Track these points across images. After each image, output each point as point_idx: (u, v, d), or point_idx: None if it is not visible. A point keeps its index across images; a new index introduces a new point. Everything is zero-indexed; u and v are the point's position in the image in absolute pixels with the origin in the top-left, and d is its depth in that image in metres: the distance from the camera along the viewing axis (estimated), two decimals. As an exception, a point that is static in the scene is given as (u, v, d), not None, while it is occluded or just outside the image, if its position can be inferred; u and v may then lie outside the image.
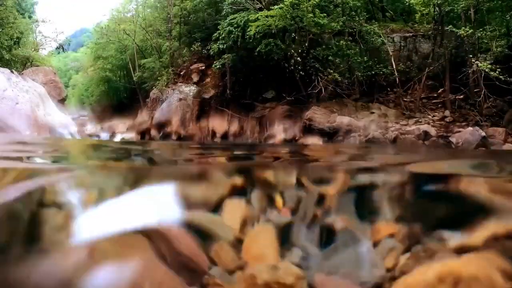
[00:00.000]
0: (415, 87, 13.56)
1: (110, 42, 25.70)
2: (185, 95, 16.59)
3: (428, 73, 13.26)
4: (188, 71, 18.25)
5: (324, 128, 12.05)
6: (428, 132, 10.87)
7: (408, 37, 14.85)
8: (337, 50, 13.30)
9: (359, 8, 14.25)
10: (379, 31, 13.84)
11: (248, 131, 14.13)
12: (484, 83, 11.19)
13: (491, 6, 11.72)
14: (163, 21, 21.91)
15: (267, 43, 13.43)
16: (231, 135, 14.00)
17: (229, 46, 14.69)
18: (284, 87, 14.37)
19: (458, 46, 13.21)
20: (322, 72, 13.04)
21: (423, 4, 12.94)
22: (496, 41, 11.14)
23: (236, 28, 14.22)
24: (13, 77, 12.14)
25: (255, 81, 15.68)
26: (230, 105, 16.13)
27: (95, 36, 29.16)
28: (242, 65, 15.74)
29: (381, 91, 13.94)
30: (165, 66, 19.51)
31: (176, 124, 14.57)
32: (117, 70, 27.72)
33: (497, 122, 11.43)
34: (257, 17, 13.01)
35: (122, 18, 25.96)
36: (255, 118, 14.33)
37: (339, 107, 13.37)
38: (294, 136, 12.07)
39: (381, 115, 12.81)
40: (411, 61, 14.19)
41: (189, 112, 16.19)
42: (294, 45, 13.84)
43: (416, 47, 14.72)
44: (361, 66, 13.27)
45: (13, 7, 21.38)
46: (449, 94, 12.62)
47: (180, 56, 19.86)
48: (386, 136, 11.29)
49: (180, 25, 19.83)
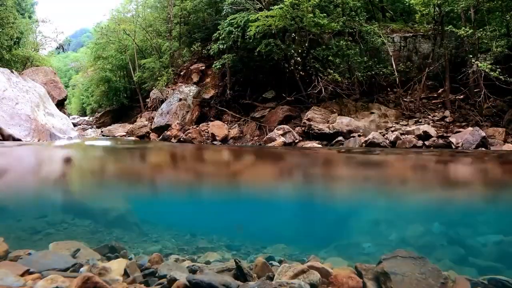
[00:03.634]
0: (415, 87, 13.56)
1: (110, 42, 25.72)
2: (185, 95, 16.58)
3: (428, 73, 13.26)
4: (188, 71, 18.25)
5: (324, 129, 12.04)
6: (428, 132, 10.86)
7: (408, 37, 14.85)
8: (337, 50, 13.30)
9: (359, 8, 14.24)
10: (379, 31, 13.84)
11: (248, 134, 14.14)
12: (484, 83, 11.19)
13: (491, 6, 11.72)
14: (163, 21, 21.91)
15: (267, 43, 13.42)
16: (231, 138, 14.00)
17: (229, 46, 14.69)
18: (284, 87, 14.37)
19: (458, 46, 13.22)
20: (322, 72, 13.04)
21: (423, 4, 12.93)
22: (496, 41, 11.14)
23: (236, 28, 14.21)
24: (13, 77, 12.13)
25: (255, 81, 15.68)
26: (230, 105, 16.13)
27: (95, 36, 29.17)
28: (242, 65, 15.74)
29: (381, 91, 13.94)
30: (165, 66, 19.51)
31: (175, 128, 14.57)
32: (117, 70, 27.74)
33: (497, 122, 11.43)
34: (257, 17, 13.01)
35: (122, 18, 25.97)
36: (254, 122, 14.34)
37: (339, 107, 13.37)
38: (294, 140, 12.06)
39: (381, 115, 12.81)
40: (411, 61, 14.20)
41: (189, 113, 16.17)
42: (294, 45, 13.84)
43: (416, 47, 14.72)
44: (361, 66, 13.26)
45: (13, 7, 21.38)
46: (449, 94, 12.62)
47: (180, 56, 19.87)
48: (386, 137, 11.28)
49: (180, 25, 19.83)
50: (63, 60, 50.76)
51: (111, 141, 15.00)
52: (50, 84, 18.42)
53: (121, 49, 25.48)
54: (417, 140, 10.80)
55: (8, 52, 20.31)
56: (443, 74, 13.06)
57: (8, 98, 10.81)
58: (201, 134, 14.23)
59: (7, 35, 20.00)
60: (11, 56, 20.50)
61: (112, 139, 15.48)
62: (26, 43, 23.99)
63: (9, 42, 20.45)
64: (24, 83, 12.31)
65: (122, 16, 26.35)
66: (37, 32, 25.93)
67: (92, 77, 30.08)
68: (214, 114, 16.45)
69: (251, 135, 14.02)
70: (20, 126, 10.34)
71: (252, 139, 13.69)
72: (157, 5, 24.01)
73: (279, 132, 12.35)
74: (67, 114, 19.12)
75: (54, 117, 12.52)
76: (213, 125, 14.46)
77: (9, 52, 20.43)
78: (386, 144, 10.88)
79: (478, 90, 11.72)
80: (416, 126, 11.52)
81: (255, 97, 15.77)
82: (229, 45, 14.64)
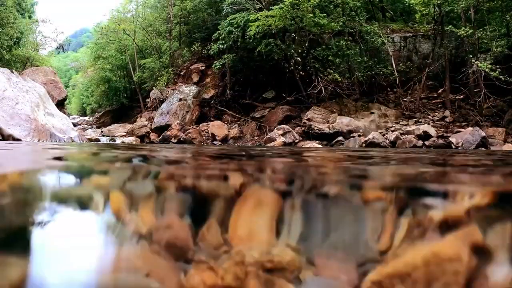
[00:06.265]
0: (415, 87, 13.57)
1: (110, 42, 25.70)
2: (185, 95, 16.59)
3: (428, 73, 13.27)
4: (188, 71, 18.25)
5: (324, 129, 12.04)
6: (428, 132, 10.87)
7: (408, 37, 14.86)
8: (337, 50, 13.30)
9: (359, 8, 14.25)
10: (379, 31, 13.84)
11: (248, 134, 14.15)
12: (484, 83, 11.20)
13: (491, 6, 11.73)
14: (163, 21, 21.91)
15: (267, 43, 13.43)
16: (231, 138, 14.02)
17: (229, 46, 14.70)
18: (284, 87, 14.38)
19: (458, 46, 13.23)
20: (322, 72, 13.04)
21: (423, 4, 12.94)
22: (496, 41, 11.15)
23: (236, 28, 14.22)
24: (13, 77, 12.14)
25: (255, 81, 15.69)
26: (230, 105, 16.14)
27: (95, 36, 29.16)
28: (242, 65, 15.75)
29: (381, 91, 13.95)
30: (165, 66, 19.51)
31: (175, 128, 14.58)
32: (117, 70, 27.74)
33: (497, 122, 11.44)
34: (257, 17, 13.01)
35: (122, 18, 25.95)
36: (254, 122, 14.35)
37: (339, 107, 13.37)
38: (294, 140, 12.07)
39: (381, 115, 12.82)
40: (411, 61, 14.20)
41: (189, 113, 16.18)
42: (294, 45, 13.84)
43: (416, 47, 14.73)
44: (361, 66, 13.27)
45: (13, 7, 21.39)
46: (449, 94, 12.63)
47: (180, 56, 19.87)
48: (386, 137, 11.28)
49: (180, 25, 19.84)
50: (63, 60, 50.80)
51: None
52: (50, 84, 18.42)
53: (121, 49, 25.47)
54: (417, 140, 10.80)
55: (8, 52, 20.32)
56: (443, 74, 13.06)
57: (8, 98, 10.82)
58: (201, 134, 14.23)
59: (7, 35, 20.01)
60: (11, 56, 20.51)
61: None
62: (26, 43, 24.00)
63: (9, 42, 20.46)
64: (24, 83, 12.32)
65: (122, 16, 26.34)
66: (37, 32, 25.94)
67: (92, 77, 30.08)
68: (214, 114, 16.45)
69: (251, 135, 14.03)
70: (20, 126, 10.35)
71: (252, 139, 13.70)
72: (157, 5, 24.02)
73: (279, 132, 12.35)
74: (67, 114, 19.12)
75: (54, 117, 12.52)
76: (213, 125, 14.47)
77: (9, 52, 20.44)
78: (386, 144, 10.88)
79: (478, 90, 11.73)
80: (416, 126, 11.52)
81: (255, 97, 15.78)
82: (229, 45, 14.65)
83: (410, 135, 11.05)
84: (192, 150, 5.61)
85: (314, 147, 10.69)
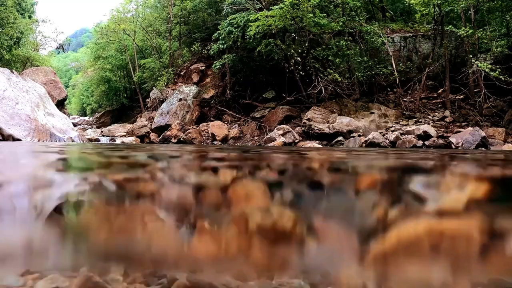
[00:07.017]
0: (415, 87, 13.56)
1: (110, 42, 25.70)
2: (185, 95, 16.59)
3: (428, 73, 13.27)
4: (188, 71, 18.25)
5: (324, 129, 12.04)
6: (428, 132, 10.87)
7: (408, 37, 14.85)
8: (337, 50, 13.30)
9: (359, 8, 14.25)
10: (379, 31, 13.84)
11: (248, 134, 14.15)
12: (484, 83, 11.20)
13: (491, 6, 11.73)
14: (163, 21, 21.90)
15: (267, 43, 13.43)
16: (231, 138, 14.01)
17: (229, 46, 14.70)
18: (284, 87, 14.38)
19: (458, 46, 13.23)
20: (322, 72, 13.04)
21: (423, 4, 12.94)
22: (496, 41, 11.15)
23: (236, 28, 14.22)
24: (13, 77, 12.14)
25: (255, 81, 15.69)
26: (230, 105, 16.14)
27: (95, 36, 29.14)
28: (242, 65, 15.75)
29: (381, 91, 13.95)
30: (165, 66, 19.51)
31: (175, 128, 14.57)
32: (117, 70, 27.73)
33: (497, 122, 11.44)
34: (257, 17, 13.01)
35: (122, 18, 25.92)
36: (254, 122, 14.35)
37: (339, 107, 13.37)
38: (294, 140, 12.07)
39: (381, 115, 12.82)
40: (411, 61, 14.20)
41: (189, 113, 16.18)
42: (294, 45, 13.84)
43: (416, 47, 14.73)
44: (361, 66, 13.26)
45: (13, 7, 21.40)
46: (449, 94, 12.63)
47: (180, 56, 19.87)
48: (386, 137, 11.29)
49: (180, 25, 19.84)
50: (63, 60, 50.81)
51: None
52: (50, 84, 18.42)
53: (121, 49, 25.47)
54: (417, 140, 10.80)
55: (8, 52, 20.33)
56: (443, 74, 13.07)
57: (8, 98, 10.82)
58: (201, 134, 14.23)
59: (7, 35, 20.02)
60: (11, 56, 20.52)
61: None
62: (26, 43, 23.99)
63: (9, 42, 20.47)
64: (24, 83, 12.32)
65: (122, 16, 26.30)
66: (37, 32, 25.98)
67: (92, 77, 30.09)
68: (214, 114, 16.45)
69: (251, 135, 14.03)
70: (20, 126, 10.35)
71: (252, 139, 13.70)
72: (157, 5, 24.01)
73: (279, 132, 12.35)
74: (67, 114, 19.12)
75: (54, 117, 12.52)
76: (213, 125, 14.47)
77: (9, 52, 20.45)
78: (386, 144, 10.88)
79: (478, 90, 11.73)
80: (416, 126, 11.52)
81: (255, 97, 15.78)
82: (229, 45, 14.65)
83: (410, 135, 11.05)
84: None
85: (314, 147, 10.69)
